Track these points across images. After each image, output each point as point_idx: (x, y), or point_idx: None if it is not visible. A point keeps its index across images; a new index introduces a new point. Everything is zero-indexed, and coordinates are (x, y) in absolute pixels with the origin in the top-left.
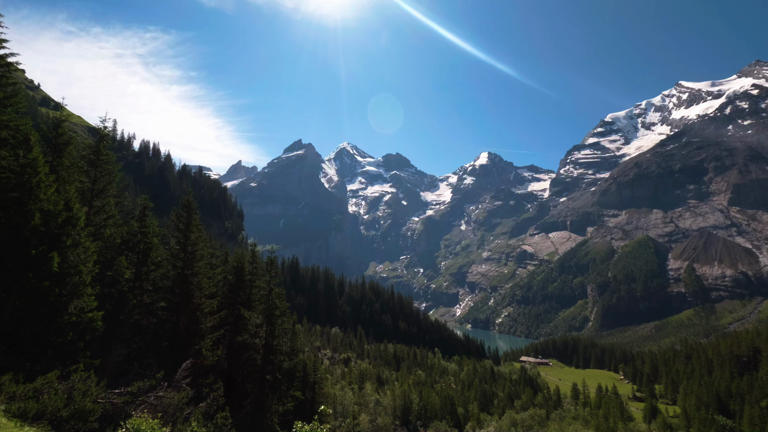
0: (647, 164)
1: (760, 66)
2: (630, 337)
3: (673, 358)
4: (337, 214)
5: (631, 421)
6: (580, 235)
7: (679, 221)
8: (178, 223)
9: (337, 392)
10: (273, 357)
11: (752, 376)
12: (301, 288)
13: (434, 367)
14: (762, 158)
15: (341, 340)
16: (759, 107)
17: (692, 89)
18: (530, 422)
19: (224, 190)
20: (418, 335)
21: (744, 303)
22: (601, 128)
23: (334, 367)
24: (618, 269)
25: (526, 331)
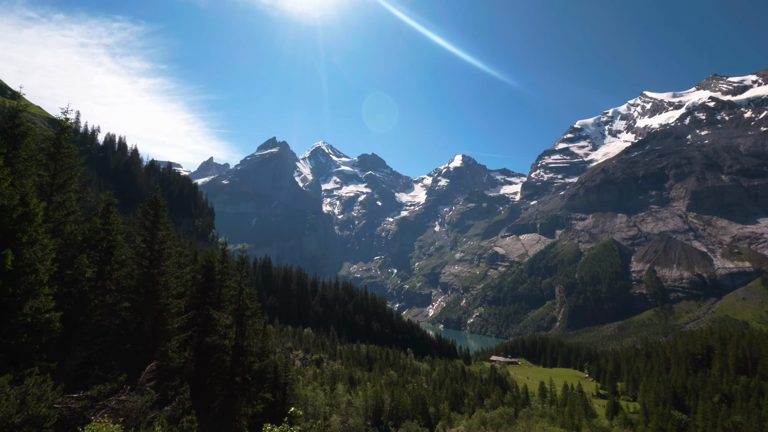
0: (613, 170)
1: (716, 80)
2: (595, 337)
3: (634, 356)
4: (311, 214)
5: (595, 418)
6: (549, 237)
7: (642, 225)
8: (144, 221)
9: (308, 393)
10: (243, 358)
11: (706, 373)
12: (273, 288)
13: (406, 367)
14: (717, 167)
15: (313, 341)
16: (715, 119)
17: (655, 99)
18: (499, 420)
19: (195, 187)
20: (391, 335)
21: (699, 304)
22: (570, 134)
23: (305, 368)
24: (584, 271)
25: (496, 331)
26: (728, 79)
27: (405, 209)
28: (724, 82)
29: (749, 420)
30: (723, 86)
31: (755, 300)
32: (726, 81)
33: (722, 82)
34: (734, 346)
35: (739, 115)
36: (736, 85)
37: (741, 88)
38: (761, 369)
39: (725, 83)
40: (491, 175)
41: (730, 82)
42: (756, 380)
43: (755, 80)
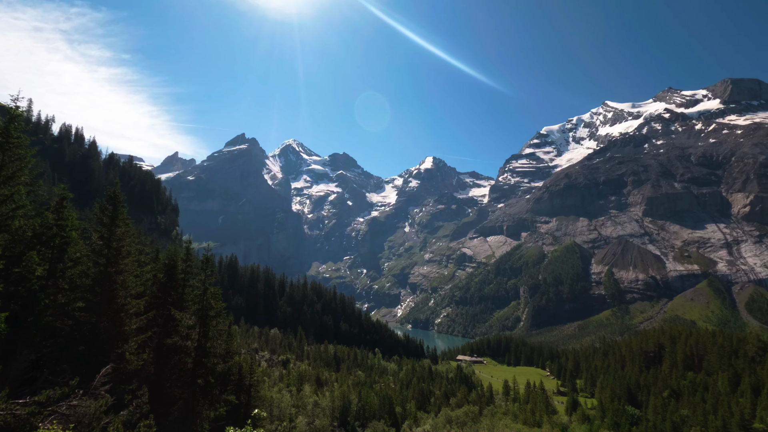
0: (576, 176)
1: (671, 93)
2: (557, 336)
3: (592, 355)
4: (280, 213)
5: (555, 414)
6: (515, 239)
7: (602, 229)
8: (101, 217)
9: (274, 395)
10: (206, 360)
11: (657, 369)
12: (240, 288)
13: (374, 367)
14: (670, 175)
15: (280, 342)
16: (669, 129)
17: (616, 109)
18: (464, 419)
19: (157, 183)
20: (360, 336)
21: (653, 304)
22: (536, 140)
23: (272, 369)
24: (548, 272)
25: (463, 330)
26: (682, 93)
27: (375, 209)
28: (678, 95)
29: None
30: (677, 99)
31: (702, 301)
32: (680, 94)
33: (676, 95)
34: (683, 344)
35: (691, 126)
36: (688, 99)
37: (693, 101)
38: (706, 365)
39: (679, 96)
40: (461, 177)
41: (684, 96)
42: (701, 376)
43: (705, 94)
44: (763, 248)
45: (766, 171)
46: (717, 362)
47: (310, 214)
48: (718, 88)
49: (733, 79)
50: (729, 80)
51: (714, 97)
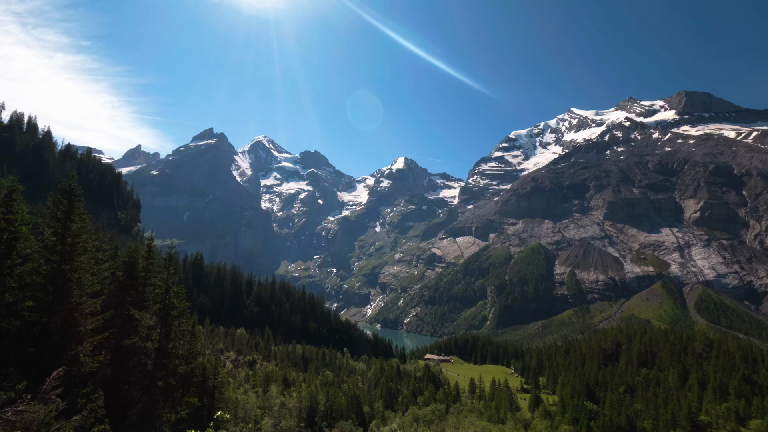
0: (542, 179)
1: (632, 102)
2: (521, 335)
3: (555, 353)
4: (249, 210)
5: (518, 411)
6: (483, 240)
7: (565, 231)
8: (55, 211)
9: (239, 396)
10: (167, 361)
11: (614, 366)
12: (205, 287)
13: (342, 367)
14: (630, 181)
15: (247, 342)
16: (629, 137)
17: (581, 116)
18: (431, 417)
19: (118, 177)
20: (328, 335)
21: (611, 304)
22: (505, 144)
23: (237, 370)
24: (514, 273)
25: (431, 330)
26: (641, 103)
27: (347, 209)
28: (638, 105)
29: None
30: (637, 108)
31: (656, 301)
32: (639, 104)
33: (636, 105)
34: (638, 342)
35: (649, 135)
36: (647, 109)
37: (651, 111)
38: (659, 362)
39: (639, 106)
40: (432, 178)
41: (643, 105)
42: (654, 372)
43: (662, 105)
44: (711, 251)
45: (715, 179)
46: (668, 359)
47: (280, 212)
48: (673, 99)
49: (687, 92)
50: (683, 93)
51: (670, 108)
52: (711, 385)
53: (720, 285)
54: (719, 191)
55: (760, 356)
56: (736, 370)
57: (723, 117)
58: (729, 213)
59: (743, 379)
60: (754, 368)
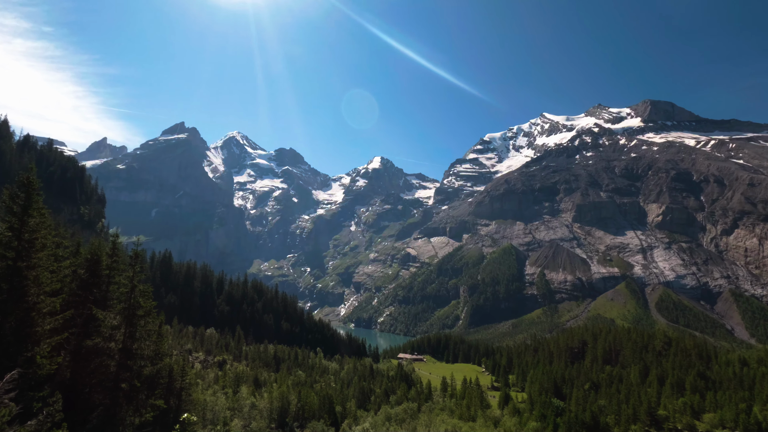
0: (514, 182)
1: (601, 109)
2: (492, 334)
3: (524, 351)
4: (221, 207)
5: (489, 409)
6: (457, 241)
7: (536, 233)
8: (11, 205)
9: (208, 398)
10: (131, 362)
11: (580, 364)
12: (174, 285)
13: (315, 366)
14: (597, 185)
15: (217, 342)
16: (598, 143)
17: (552, 121)
18: (403, 415)
19: (81, 170)
20: (301, 335)
21: (578, 303)
22: (480, 146)
23: (206, 371)
24: (486, 273)
25: (405, 329)
26: (609, 109)
27: (321, 207)
28: (606, 112)
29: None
30: (605, 115)
31: (620, 301)
32: (608, 111)
33: (605, 112)
34: (603, 341)
35: (616, 141)
36: (615, 115)
37: (618, 118)
38: (622, 359)
39: (607, 113)
40: (407, 178)
41: (611, 112)
42: (617, 369)
43: (629, 113)
44: (671, 254)
45: (676, 185)
46: (631, 356)
47: (253, 210)
48: (639, 107)
49: (652, 101)
50: (649, 101)
51: (636, 116)
52: (669, 381)
53: (679, 285)
54: (680, 196)
55: (714, 353)
56: (692, 366)
57: (684, 125)
58: (688, 217)
59: (698, 375)
60: (708, 365)
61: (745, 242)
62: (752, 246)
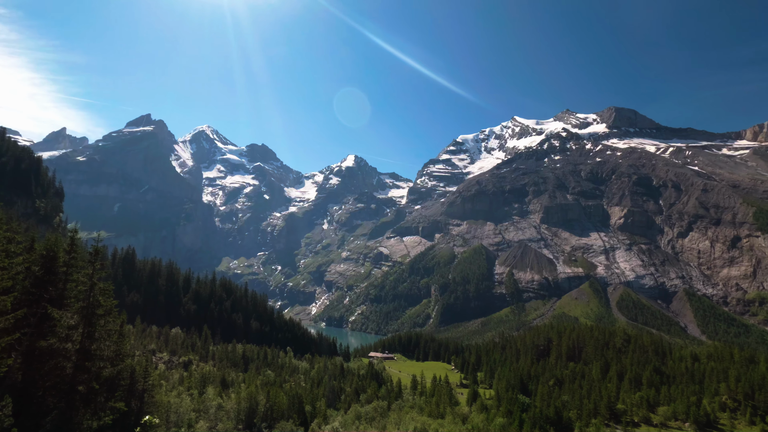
0: (486, 183)
1: (569, 114)
2: (462, 332)
3: (492, 349)
4: (189, 203)
5: (457, 406)
6: (429, 240)
7: (506, 233)
8: None
9: (172, 399)
10: (90, 364)
11: (546, 361)
12: (137, 284)
13: (285, 366)
14: (564, 187)
15: (183, 342)
16: (566, 147)
17: (523, 124)
18: (373, 414)
19: (38, 161)
20: (271, 334)
21: (545, 302)
22: (453, 147)
23: (171, 372)
24: (457, 272)
25: (376, 328)
26: (577, 115)
27: (294, 205)
28: (574, 117)
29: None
30: (573, 120)
31: (584, 300)
32: (575, 116)
33: (573, 117)
34: (567, 338)
35: (582, 146)
36: (582, 121)
37: (585, 123)
38: (584, 356)
39: (575, 118)
40: (381, 177)
41: (579, 118)
42: (580, 365)
43: (595, 119)
44: (632, 255)
45: (638, 189)
46: (593, 353)
47: (223, 206)
48: (605, 114)
49: (617, 108)
50: (613, 108)
51: (601, 122)
52: (628, 376)
53: (638, 285)
54: (640, 200)
55: (669, 350)
56: (649, 362)
57: (645, 132)
58: (647, 220)
59: (654, 370)
60: (664, 360)
61: (698, 244)
62: (705, 248)
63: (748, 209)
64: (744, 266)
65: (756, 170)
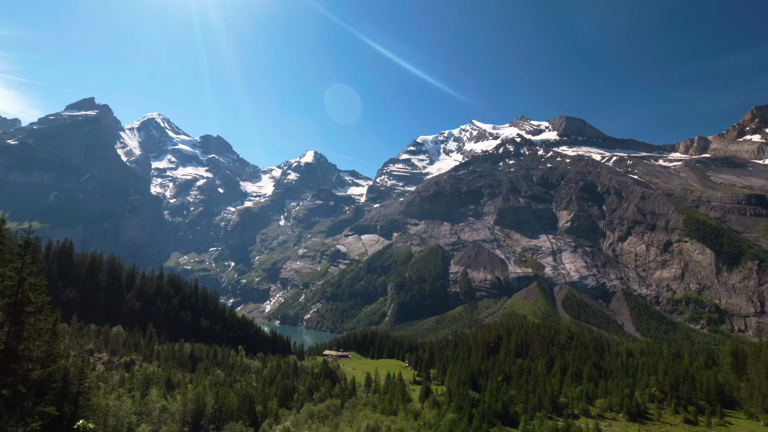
0: (443, 184)
1: (523, 121)
2: (417, 330)
3: (445, 346)
4: (136, 194)
5: (410, 402)
6: (387, 239)
7: (461, 234)
8: None
9: (111, 402)
10: (16, 365)
11: (495, 357)
12: (75, 279)
13: (236, 365)
14: (517, 191)
15: (125, 341)
16: (519, 152)
17: (480, 128)
18: (326, 412)
19: None
20: (222, 333)
21: (496, 301)
22: (413, 147)
23: (111, 373)
24: (413, 271)
25: (332, 326)
26: (531, 122)
27: (249, 199)
28: (528, 124)
29: (520, 393)
30: (527, 126)
31: (532, 298)
32: (529, 123)
33: (527, 124)
34: (515, 336)
35: (535, 151)
36: (535, 128)
37: (538, 130)
38: (531, 352)
39: (528, 124)
40: (341, 175)
41: (532, 125)
42: (527, 361)
43: (547, 126)
44: (577, 256)
45: (584, 194)
46: (539, 350)
47: (173, 199)
48: (556, 122)
49: (567, 117)
50: (564, 117)
51: (553, 129)
52: (570, 371)
53: (582, 285)
54: (586, 205)
55: (607, 346)
56: (589, 358)
57: (592, 141)
58: (592, 224)
59: (594, 365)
60: (602, 356)
61: (635, 248)
62: (641, 251)
63: (679, 216)
64: (674, 269)
65: (687, 181)
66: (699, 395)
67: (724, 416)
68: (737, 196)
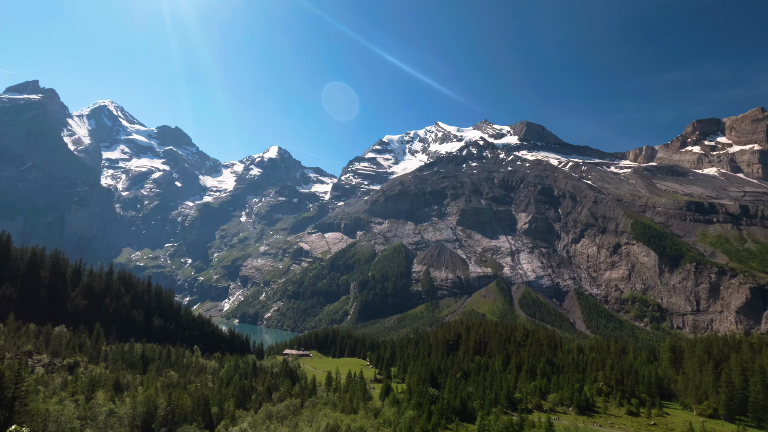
0: (408, 184)
1: (486, 124)
2: (379, 328)
3: (406, 344)
4: (84, 185)
5: (371, 400)
6: (351, 237)
7: (425, 233)
8: None
9: (51, 407)
10: None
11: (455, 355)
12: (12, 275)
13: (191, 366)
14: (479, 193)
15: (68, 342)
16: (482, 155)
17: (445, 130)
18: (285, 412)
19: None
20: (176, 332)
21: (457, 300)
22: (378, 146)
23: (52, 376)
24: (377, 270)
25: (293, 324)
26: (494, 126)
27: (209, 194)
28: (491, 128)
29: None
30: (490, 130)
31: (491, 297)
32: (492, 127)
33: (490, 127)
34: (474, 333)
35: (497, 155)
36: (497, 132)
37: (500, 134)
38: (489, 350)
39: (491, 128)
40: (305, 172)
41: (495, 128)
42: (485, 359)
43: (509, 130)
44: (534, 257)
45: (541, 197)
46: (496, 347)
47: (126, 192)
48: (517, 127)
49: (528, 123)
50: (525, 122)
51: (514, 134)
52: (525, 367)
53: (538, 285)
54: (543, 208)
55: (560, 343)
56: (543, 354)
57: (551, 147)
58: (548, 226)
59: (547, 362)
60: (555, 353)
61: (587, 250)
62: (592, 253)
63: (627, 220)
64: (622, 270)
65: (635, 187)
66: (641, 388)
67: (662, 407)
68: (679, 202)
